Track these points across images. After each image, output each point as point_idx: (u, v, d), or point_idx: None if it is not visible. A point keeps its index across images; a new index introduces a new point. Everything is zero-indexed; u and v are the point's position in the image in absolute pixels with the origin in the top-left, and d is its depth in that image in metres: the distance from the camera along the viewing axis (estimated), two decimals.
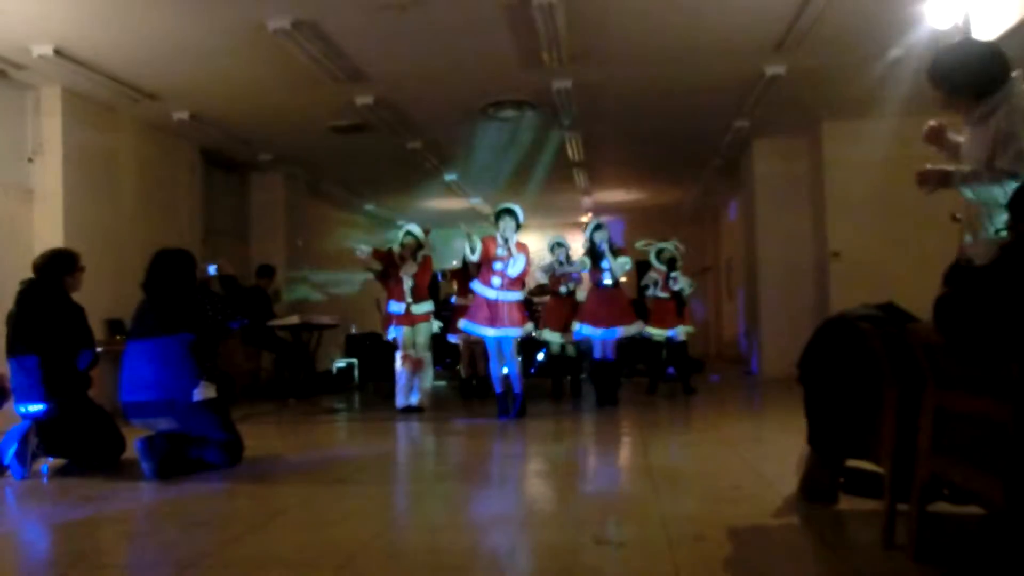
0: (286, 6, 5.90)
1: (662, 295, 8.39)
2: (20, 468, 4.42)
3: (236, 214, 11.02)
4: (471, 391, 8.62)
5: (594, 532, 3.05)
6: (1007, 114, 2.88)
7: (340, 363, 11.24)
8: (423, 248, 7.60)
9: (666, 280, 8.39)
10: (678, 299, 8.47)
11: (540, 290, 9.83)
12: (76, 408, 4.62)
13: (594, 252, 7.57)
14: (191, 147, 9.42)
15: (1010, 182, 2.73)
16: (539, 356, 10.64)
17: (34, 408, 4.54)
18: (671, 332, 8.34)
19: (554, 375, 8.62)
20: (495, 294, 6.65)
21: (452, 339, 8.69)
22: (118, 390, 4.58)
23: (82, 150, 7.53)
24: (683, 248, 8.79)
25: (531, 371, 10.38)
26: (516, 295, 6.72)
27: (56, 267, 4.77)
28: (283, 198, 11.28)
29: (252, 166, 10.78)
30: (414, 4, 5.86)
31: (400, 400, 7.33)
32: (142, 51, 6.64)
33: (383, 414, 7.48)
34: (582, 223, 14.48)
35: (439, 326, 7.89)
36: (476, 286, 6.81)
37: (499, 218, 6.76)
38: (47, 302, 4.66)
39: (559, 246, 8.16)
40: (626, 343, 8.09)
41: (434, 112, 8.61)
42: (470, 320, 6.77)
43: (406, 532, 3.29)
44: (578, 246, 8.52)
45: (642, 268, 9.02)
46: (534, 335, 8.30)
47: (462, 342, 8.51)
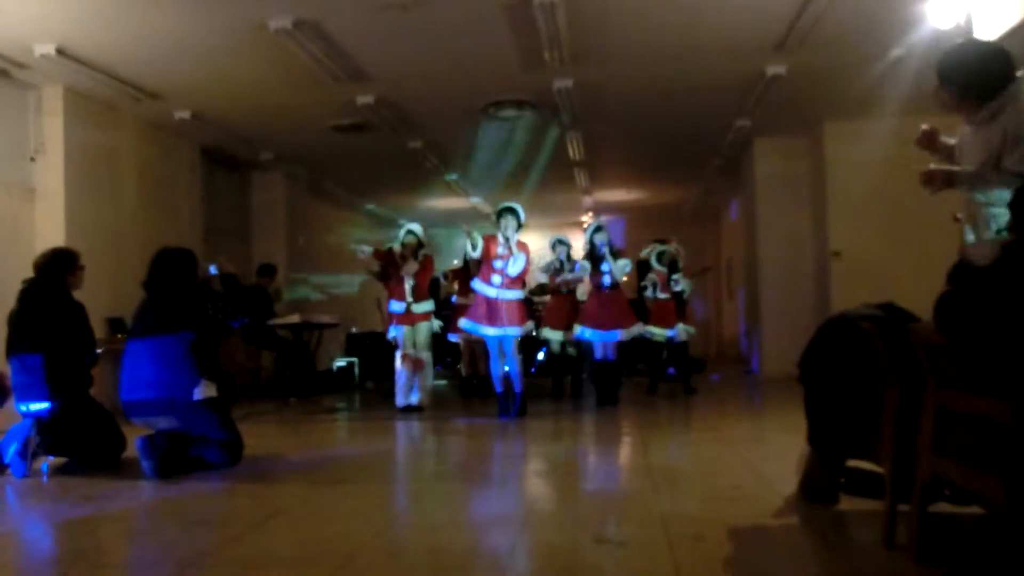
0: (287, 6, 5.90)
1: (662, 296, 8.39)
2: (21, 466, 4.42)
3: (237, 213, 11.03)
4: (471, 390, 8.62)
5: (594, 532, 3.05)
6: (1015, 115, 2.87)
7: (340, 362, 11.25)
8: (424, 247, 7.62)
9: (666, 282, 8.39)
10: (678, 299, 8.48)
11: (540, 290, 9.83)
12: (77, 407, 4.62)
13: (594, 254, 7.58)
14: (192, 146, 9.43)
15: (1019, 182, 2.71)
16: (539, 356, 10.63)
17: (35, 406, 4.54)
18: (671, 332, 8.34)
19: (554, 375, 8.61)
20: (495, 292, 6.66)
21: (453, 338, 8.68)
22: (119, 389, 4.58)
23: (84, 149, 7.54)
24: (683, 251, 8.79)
25: (531, 371, 10.38)
26: (516, 293, 6.73)
27: (57, 266, 4.77)
28: (284, 197, 11.29)
29: (253, 165, 10.78)
30: (415, 4, 5.86)
31: (400, 399, 7.34)
32: (144, 50, 6.64)
33: (383, 413, 7.48)
34: (583, 223, 14.50)
35: (439, 325, 7.90)
36: (477, 284, 6.82)
37: (500, 217, 6.78)
38: (49, 301, 4.66)
39: (560, 244, 8.16)
40: (626, 343, 8.09)
41: (435, 112, 8.62)
42: (470, 319, 6.78)
43: (406, 531, 3.29)
44: (579, 246, 8.52)
45: (642, 268, 9.01)
46: (534, 334, 8.29)
47: (463, 341, 8.51)
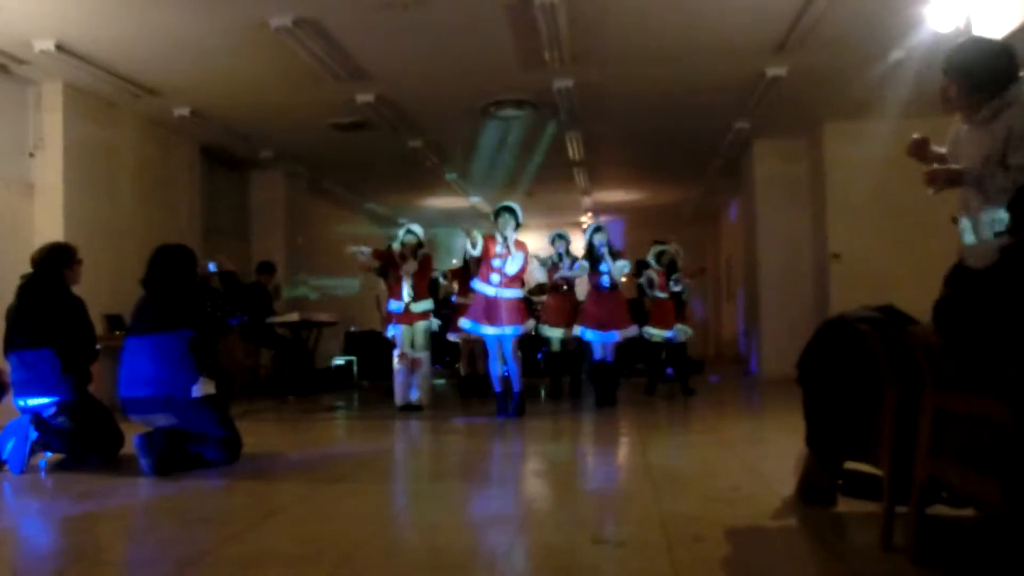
0: (288, 4, 5.90)
1: (661, 295, 8.39)
2: (18, 463, 4.42)
3: (236, 211, 11.02)
4: (470, 389, 8.62)
5: (592, 532, 3.05)
6: (1021, 113, 2.86)
7: (339, 360, 11.25)
8: (423, 247, 7.62)
9: (665, 282, 8.39)
10: (677, 300, 8.48)
11: (539, 289, 9.82)
12: (76, 403, 4.62)
13: (593, 255, 7.58)
14: (192, 144, 9.42)
15: None
16: (539, 357, 10.62)
17: (34, 402, 4.54)
18: (670, 333, 8.34)
19: (553, 374, 8.62)
20: (494, 291, 6.66)
21: (452, 337, 8.69)
22: (117, 386, 4.58)
23: (83, 145, 7.54)
24: (682, 251, 8.79)
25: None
26: (515, 292, 6.73)
27: (54, 261, 4.76)
28: (283, 195, 11.29)
29: (253, 163, 10.78)
30: (416, 3, 5.86)
31: (399, 398, 7.34)
32: (144, 47, 6.64)
33: (382, 412, 7.48)
34: (582, 223, 14.49)
35: (438, 324, 7.89)
36: (476, 284, 6.82)
37: (498, 216, 6.79)
38: (48, 296, 4.66)
39: (560, 238, 8.16)
40: (625, 343, 8.09)
41: (435, 111, 8.62)
42: (469, 318, 6.78)
43: (405, 530, 3.29)
44: (579, 246, 8.51)
45: (641, 268, 8.99)
46: (533, 333, 8.28)
47: (461, 340, 8.52)
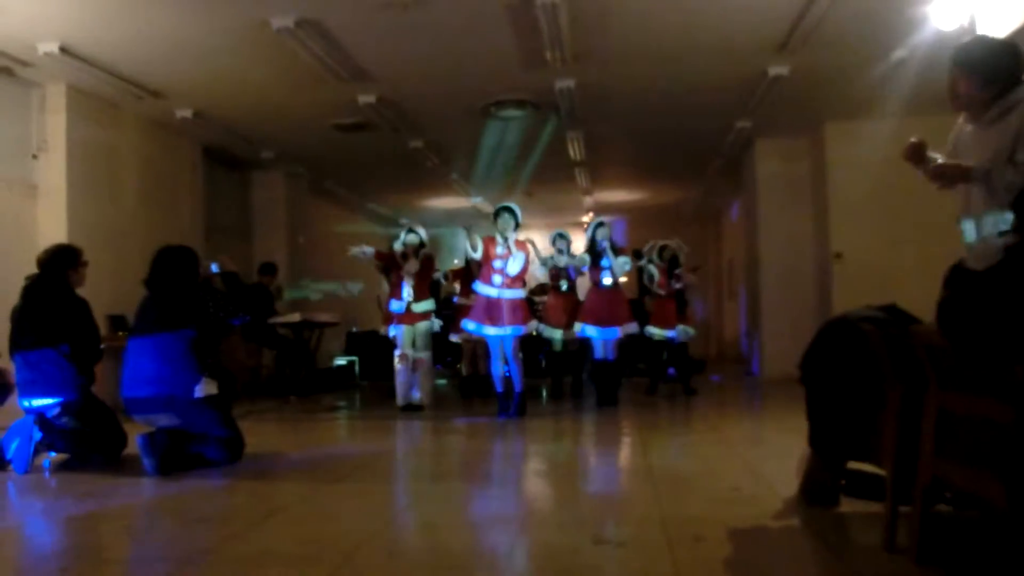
0: (289, 5, 5.90)
1: (660, 292, 8.38)
2: (23, 463, 4.43)
3: (238, 212, 11.03)
4: (472, 390, 8.62)
5: (593, 532, 3.05)
6: None
7: (341, 361, 11.25)
8: (425, 248, 7.62)
9: (666, 280, 8.36)
10: (679, 300, 8.46)
11: (540, 289, 9.82)
12: (80, 404, 4.63)
13: (595, 250, 7.58)
14: (194, 145, 9.43)
15: None
16: (540, 357, 10.61)
17: (38, 403, 4.55)
18: (671, 333, 8.34)
19: (554, 374, 8.62)
20: (496, 292, 6.66)
21: (453, 338, 8.69)
22: (120, 386, 4.59)
23: (86, 147, 7.55)
24: (685, 247, 8.77)
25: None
26: (517, 293, 6.73)
27: (59, 262, 4.78)
28: (285, 196, 11.29)
29: (254, 164, 10.78)
30: (417, 3, 5.86)
31: (400, 398, 7.34)
32: (146, 49, 6.65)
33: (383, 412, 7.48)
34: (583, 223, 14.48)
35: (439, 325, 7.90)
36: (478, 286, 6.83)
37: (498, 216, 6.79)
38: (52, 297, 4.67)
39: (561, 238, 8.16)
40: (627, 342, 8.08)
41: (436, 111, 8.62)
42: (472, 319, 6.78)
43: (406, 530, 3.29)
44: (580, 245, 8.51)
45: (636, 257, 8.95)
46: (535, 333, 8.28)
47: (463, 340, 8.52)
